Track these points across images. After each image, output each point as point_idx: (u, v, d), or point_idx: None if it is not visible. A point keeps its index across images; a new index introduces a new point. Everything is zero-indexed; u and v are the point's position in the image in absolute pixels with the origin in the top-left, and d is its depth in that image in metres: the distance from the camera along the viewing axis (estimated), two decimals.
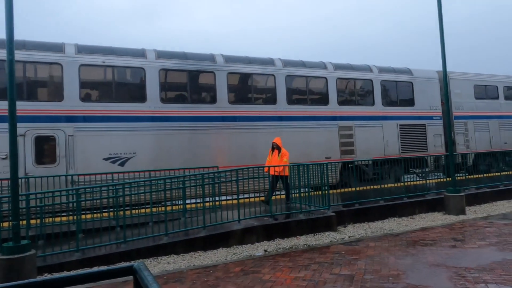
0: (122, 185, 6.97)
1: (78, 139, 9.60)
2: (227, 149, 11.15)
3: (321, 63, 13.24)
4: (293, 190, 9.01)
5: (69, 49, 9.85)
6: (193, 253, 6.79)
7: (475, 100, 16.00)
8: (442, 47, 10.20)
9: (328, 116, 12.78)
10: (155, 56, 10.72)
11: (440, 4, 10.09)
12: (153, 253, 6.61)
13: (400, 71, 14.58)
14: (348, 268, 5.42)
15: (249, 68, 11.87)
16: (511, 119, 16.92)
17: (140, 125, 10.27)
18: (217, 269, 5.65)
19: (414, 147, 14.20)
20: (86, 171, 9.28)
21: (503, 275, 4.82)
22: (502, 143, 16.39)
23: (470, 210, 10.06)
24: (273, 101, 12.06)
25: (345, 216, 8.94)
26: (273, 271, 5.42)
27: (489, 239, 6.73)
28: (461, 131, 15.35)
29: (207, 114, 11.10)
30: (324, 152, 12.51)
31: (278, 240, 7.58)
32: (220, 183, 8.51)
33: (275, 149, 9.60)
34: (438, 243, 6.65)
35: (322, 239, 7.58)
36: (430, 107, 14.78)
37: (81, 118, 9.71)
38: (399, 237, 7.23)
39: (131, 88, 10.84)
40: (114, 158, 9.89)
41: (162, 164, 10.11)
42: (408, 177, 12.10)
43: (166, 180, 7.55)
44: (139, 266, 1.58)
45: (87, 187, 7.41)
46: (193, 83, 11.32)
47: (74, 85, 9.72)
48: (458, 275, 4.91)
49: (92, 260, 6.14)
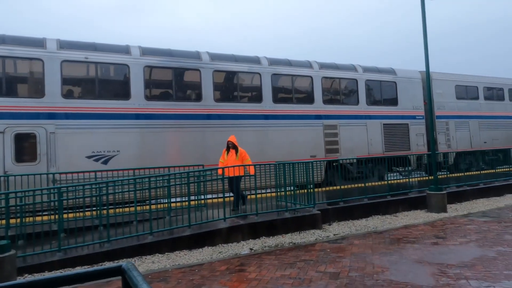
0: (106, 184, 6.86)
1: (60, 136, 9.40)
2: (212, 147, 11.10)
3: (307, 62, 13.31)
4: (278, 188, 9.02)
5: (51, 45, 9.63)
6: (178, 252, 6.73)
7: (456, 100, 16.35)
8: (425, 48, 10.37)
9: (313, 115, 12.86)
10: (140, 53, 10.57)
11: (423, 7, 10.24)
12: (138, 253, 6.52)
13: (384, 71, 14.77)
14: (333, 265, 5.46)
15: (235, 66, 11.84)
16: (491, 119, 17.36)
17: (124, 122, 10.13)
18: (202, 268, 5.62)
19: (397, 146, 14.42)
20: (68, 169, 9.10)
21: (483, 271, 4.94)
22: (481, 143, 16.80)
23: (451, 208, 10.28)
24: (259, 100, 12.06)
25: (330, 214, 9.02)
26: (258, 269, 5.42)
27: (470, 236, 6.89)
28: (442, 130, 15.66)
29: (192, 112, 11.02)
30: (309, 150, 12.59)
31: (264, 238, 7.59)
32: (205, 182, 8.46)
33: (231, 149, 8.78)
34: (420, 240, 6.78)
35: (308, 237, 7.63)
36: (413, 107, 15.03)
37: (63, 115, 9.51)
38: (382, 235, 7.33)
39: (115, 85, 10.67)
40: (97, 156, 9.72)
41: (146, 162, 10.00)
42: (391, 176, 12.29)
43: (150, 179, 7.46)
44: (128, 266, 1.55)
45: (69, 185, 7.26)
46: (178, 81, 11.22)
47: (56, 81, 9.51)
48: (440, 271, 5.01)
49: (75, 260, 6.03)
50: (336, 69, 13.64)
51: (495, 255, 5.62)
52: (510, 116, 18.16)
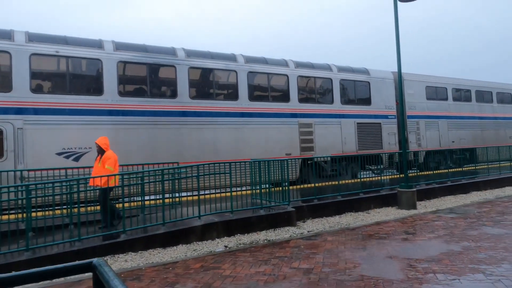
0: (77, 181, 6.68)
1: (28, 132, 9.09)
2: (187, 145, 11.01)
3: (283, 60, 13.39)
4: (253, 186, 9.03)
5: (19, 37, 9.27)
6: (152, 250, 6.65)
7: (427, 101, 16.87)
8: (398, 50, 10.63)
9: (288, 113, 12.96)
10: (113, 48, 10.34)
11: (396, 10, 10.49)
12: (110, 251, 6.40)
13: (358, 71, 15.06)
14: (307, 262, 5.54)
15: (211, 63, 11.77)
16: (459, 119, 18.03)
17: (97, 118, 9.89)
18: (176, 266, 5.58)
19: (370, 145, 14.75)
20: (37, 166, 8.81)
21: (449, 265, 5.14)
22: (450, 142, 17.42)
23: (421, 205, 10.61)
24: (235, 97, 12.05)
25: (305, 211, 9.13)
26: (233, 266, 5.44)
27: (438, 232, 7.14)
28: (413, 130, 16.14)
29: (167, 108, 10.89)
30: (284, 148, 12.70)
31: (239, 235, 7.60)
32: (180, 179, 8.38)
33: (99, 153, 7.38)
34: (391, 236, 6.97)
35: (282, 234, 7.70)
36: (386, 107, 15.40)
37: (32, 111, 9.19)
38: (355, 231, 7.49)
39: (87, 80, 10.39)
40: (68, 153, 9.46)
41: (119, 159, 9.76)
42: (364, 174, 12.56)
43: (124, 176, 7.33)
44: (99, 262, 1.52)
45: (38, 183, 7.04)
46: (153, 77, 11.05)
47: (24, 75, 9.18)
48: (409, 266, 5.18)
49: (43, 259, 5.84)
50: (312, 68, 13.80)
51: (461, 250, 5.86)
52: (476, 116, 18.91)
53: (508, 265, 4.99)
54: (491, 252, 5.64)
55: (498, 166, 15.16)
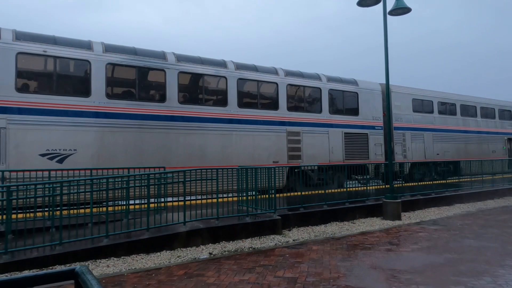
0: (60, 183, 6.55)
1: (12, 132, 8.90)
2: (175, 150, 10.93)
3: (273, 68, 13.46)
4: (240, 193, 8.99)
5: (6, 35, 9.12)
6: (135, 256, 6.54)
7: (413, 113, 17.15)
8: (386, 62, 10.77)
9: (277, 121, 13.00)
10: (103, 49, 10.25)
11: (385, 24, 10.67)
12: (92, 256, 6.26)
13: (346, 81, 15.22)
14: (291, 271, 5.52)
15: (201, 69, 11.75)
16: (443, 132, 18.35)
17: (83, 120, 9.75)
18: (160, 272, 5.50)
19: (357, 155, 14.87)
20: (19, 167, 8.62)
21: (432, 277, 5.18)
22: (435, 154, 17.70)
23: (405, 216, 10.71)
24: (224, 103, 12.04)
25: (290, 219, 9.12)
26: (217, 274, 5.38)
27: (421, 243, 7.21)
28: (399, 141, 16.36)
29: (156, 112, 10.81)
30: (272, 156, 12.71)
31: (224, 243, 7.54)
32: (166, 184, 8.29)
33: None
34: (376, 246, 7.01)
35: (267, 242, 7.67)
36: (373, 118, 15.59)
37: (16, 110, 9.01)
38: (340, 241, 7.51)
39: (75, 81, 10.25)
40: (52, 154, 9.28)
41: (105, 162, 9.67)
42: (350, 183, 12.64)
43: (108, 179, 7.21)
44: (82, 270, 1.48)
45: (19, 184, 6.87)
46: (142, 80, 10.97)
47: (10, 74, 9.01)
48: (393, 277, 5.20)
49: (22, 263, 5.69)
50: (301, 77, 13.90)
51: (444, 262, 5.92)
52: (460, 130, 19.29)
53: (489, 278, 5.06)
54: (472, 265, 5.72)
55: (481, 179, 15.44)
